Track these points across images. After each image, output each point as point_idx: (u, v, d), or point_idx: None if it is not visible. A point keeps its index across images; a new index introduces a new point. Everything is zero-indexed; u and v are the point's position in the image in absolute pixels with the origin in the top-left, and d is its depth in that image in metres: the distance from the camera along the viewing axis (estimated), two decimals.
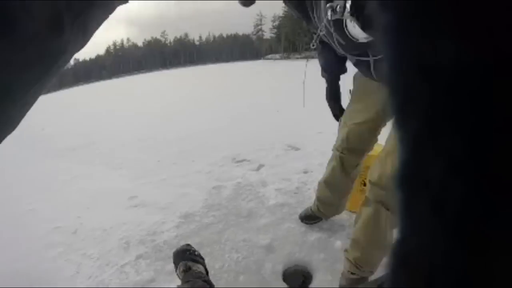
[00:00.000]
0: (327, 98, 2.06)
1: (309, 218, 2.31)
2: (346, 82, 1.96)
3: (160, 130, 3.89)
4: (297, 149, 3.61)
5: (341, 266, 1.96)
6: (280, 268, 1.92)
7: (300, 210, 2.46)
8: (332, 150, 2.12)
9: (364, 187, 2.36)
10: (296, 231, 2.22)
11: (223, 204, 2.42)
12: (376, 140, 1.96)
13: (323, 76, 2.04)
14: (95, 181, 2.60)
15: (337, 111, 2.04)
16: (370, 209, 1.71)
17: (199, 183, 2.69)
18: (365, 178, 2.33)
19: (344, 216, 2.39)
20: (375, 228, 1.72)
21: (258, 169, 3.06)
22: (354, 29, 0.60)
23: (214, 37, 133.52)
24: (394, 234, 1.49)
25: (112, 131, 3.74)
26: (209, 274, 1.69)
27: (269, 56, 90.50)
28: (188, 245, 1.68)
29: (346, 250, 1.88)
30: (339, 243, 2.13)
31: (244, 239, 2.10)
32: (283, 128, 4.33)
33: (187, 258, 1.58)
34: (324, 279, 1.87)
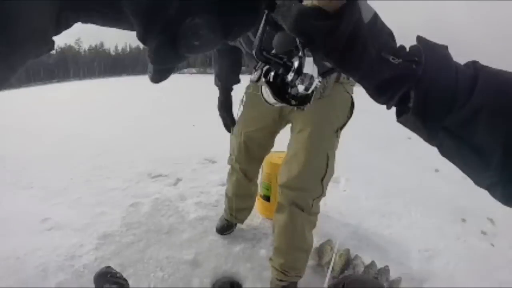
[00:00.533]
0: (218, 107, 2.01)
1: (226, 229, 2.27)
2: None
3: (71, 146, 3.50)
4: (214, 162, 3.56)
5: (268, 273, 1.96)
6: (208, 282, 1.84)
7: None
8: (229, 163, 2.11)
9: None
10: (219, 243, 2.17)
11: (143, 222, 2.24)
12: (272, 145, 1.98)
13: (216, 84, 2.01)
14: (3, 204, 2.21)
15: (229, 121, 1.98)
16: (285, 214, 1.73)
17: (115, 201, 2.45)
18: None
19: (267, 224, 2.42)
20: (293, 232, 1.76)
21: (175, 183, 2.93)
22: (267, 95, 0.62)
23: (130, 47, 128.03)
24: (312, 236, 1.54)
25: (19, 146, 3.25)
26: None
27: (185, 70, 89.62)
28: (109, 267, 1.51)
29: (270, 259, 1.89)
30: (264, 251, 2.14)
31: (167, 256, 1.96)
32: (199, 142, 4.26)
33: (109, 281, 1.42)
34: (254, 287, 1.85)
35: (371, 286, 0.93)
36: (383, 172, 3.59)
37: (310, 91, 0.57)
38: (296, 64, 0.55)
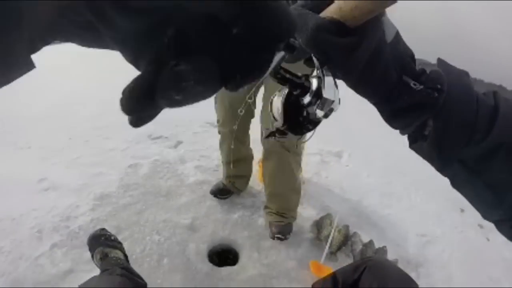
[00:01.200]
0: None
1: (222, 192, 2.22)
2: None
3: (71, 106, 3.39)
4: (215, 126, 3.44)
5: (266, 243, 1.93)
6: (204, 248, 1.80)
7: None
8: (218, 131, 2.12)
9: None
10: (218, 209, 2.12)
11: (141, 183, 2.17)
12: (255, 104, 1.86)
13: None
14: (0, 164, 2.14)
15: None
16: (273, 159, 1.85)
17: (114, 162, 2.36)
18: None
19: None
20: (283, 173, 1.87)
21: (176, 146, 2.83)
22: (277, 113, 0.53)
23: None
24: (300, 178, 1.48)
25: (18, 106, 3.14)
26: (130, 259, 1.49)
27: None
28: (103, 229, 1.46)
29: (266, 207, 2.01)
30: (262, 220, 2.09)
31: (164, 219, 1.91)
32: (201, 105, 4.09)
33: (103, 244, 1.36)
34: (250, 256, 1.81)
35: (394, 272, 0.87)
36: (386, 151, 3.50)
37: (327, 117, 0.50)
38: (314, 85, 0.48)
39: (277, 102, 0.54)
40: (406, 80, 0.45)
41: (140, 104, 0.28)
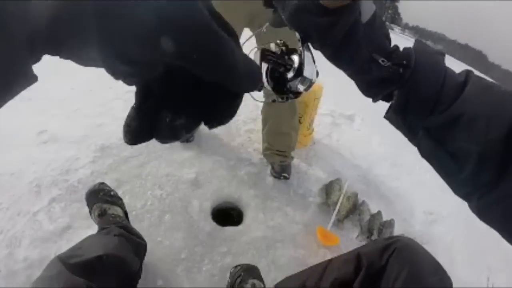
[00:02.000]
0: None
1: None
2: None
3: None
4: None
5: (272, 203, 1.83)
6: (208, 206, 1.70)
7: (228, 141, 2.22)
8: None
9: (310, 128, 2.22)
10: (223, 164, 1.99)
11: None
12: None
13: None
14: (0, 118, 1.97)
15: None
16: (271, 106, 1.90)
17: (116, 112, 2.18)
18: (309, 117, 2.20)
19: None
20: (284, 113, 1.90)
21: None
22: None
23: None
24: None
25: None
26: (130, 214, 1.38)
27: None
28: (102, 183, 1.33)
29: (266, 149, 2.02)
30: (270, 180, 1.97)
31: (167, 173, 1.79)
32: None
33: (101, 200, 1.24)
34: (255, 217, 1.71)
35: (425, 259, 0.76)
36: None
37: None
38: (296, 62, 0.54)
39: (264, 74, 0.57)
40: (375, 57, 0.50)
41: (141, 141, 0.35)
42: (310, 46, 0.54)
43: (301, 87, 0.55)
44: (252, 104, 2.54)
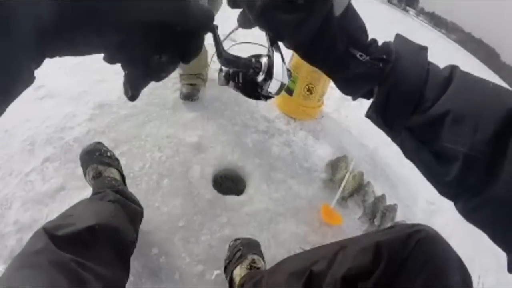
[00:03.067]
0: None
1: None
2: None
3: None
4: (234, 40, 3.03)
5: (277, 175, 1.71)
6: (210, 172, 1.59)
7: (234, 105, 2.08)
8: None
9: (307, 93, 2.06)
10: (228, 129, 1.86)
11: (145, 92, 1.85)
12: None
13: None
14: None
15: None
16: None
17: (118, 67, 1.98)
18: (309, 83, 2.03)
19: (283, 120, 2.09)
20: None
21: None
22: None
23: None
24: None
25: None
26: (127, 177, 1.26)
27: None
28: (99, 143, 1.20)
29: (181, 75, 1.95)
30: (276, 149, 1.85)
31: (168, 135, 1.65)
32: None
33: (96, 161, 1.12)
34: (258, 187, 1.60)
35: (450, 254, 0.66)
36: None
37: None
38: (264, 66, 0.50)
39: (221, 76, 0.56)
40: (352, 52, 0.46)
41: (140, 90, 0.43)
42: (281, 46, 0.51)
43: (272, 90, 0.51)
44: None
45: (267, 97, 0.54)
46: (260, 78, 0.51)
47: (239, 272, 1.13)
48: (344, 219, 1.60)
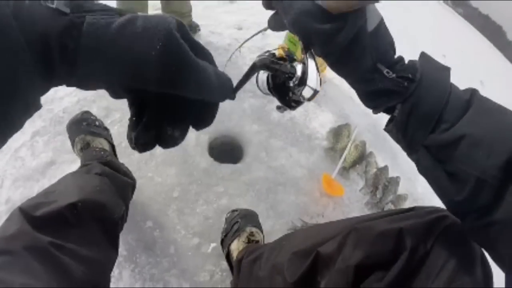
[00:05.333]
0: None
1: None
2: None
3: None
4: (232, 2, 2.83)
5: (276, 142, 1.61)
6: (205, 139, 1.48)
7: (230, 69, 1.92)
8: None
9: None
10: None
11: None
12: None
13: None
14: None
15: None
16: None
17: None
18: None
19: None
20: None
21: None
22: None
23: None
24: None
25: None
26: (119, 146, 1.16)
27: None
28: (86, 112, 1.08)
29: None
30: (276, 115, 1.73)
31: None
32: None
33: (84, 131, 1.01)
34: (257, 155, 1.50)
35: (473, 245, 0.57)
36: None
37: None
38: (299, 72, 0.50)
39: (263, 76, 0.56)
40: (380, 68, 0.47)
41: (148, 150, 0.45)
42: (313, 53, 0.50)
43: (304, 97, 0.51)
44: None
45: (298, 101, 0.53)
46: (293, 83, 0.50)
47: (236, 246, 1.06)
48: (345, 190, 1.52)
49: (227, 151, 1.55)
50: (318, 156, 1.63)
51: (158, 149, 1.30)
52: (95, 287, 0.67)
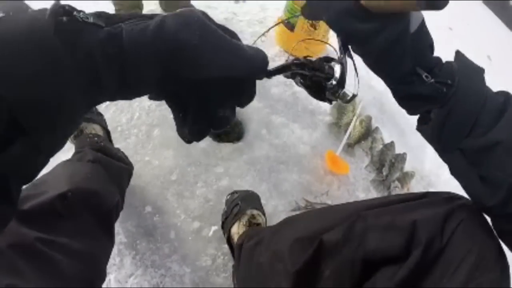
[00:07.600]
0: None
1: None
2: None
3: None
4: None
5: (278, 119, 1.56)
6: None
7: None
8: None
9: (311, 28, 1.82)
10: None
11: None
12: None
13: None
14: None
15: None
16: None
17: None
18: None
19: (282, 58, 1.88)
20: None
21: None
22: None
23: None
24: None
25: None
26: (115, 131, 1.12)
27: None
28: None
29: None
30: (276, 90, 1.67)
31: None
32: None
33: None
34: (258, 133, 1.45)
35: (491, 237, 0.53)
36: None
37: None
38: (337, 73, 0.48)
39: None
40: (419, 72, 0.46)
41: (202, 133, 0.45)
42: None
43: (342, 100, 0.50)
44: (257, 5, 2.07)
45: (331, 100, 0.53)
46: (331, 84, 0.49)
47: (237, 230, 1.03)
48: (350, 167, 1.48)
49: (226, 130, 1.50)
50: (321, 133, 1.58)
51: (155, 131, 1.27)
52: (88, 283, 0.64)
